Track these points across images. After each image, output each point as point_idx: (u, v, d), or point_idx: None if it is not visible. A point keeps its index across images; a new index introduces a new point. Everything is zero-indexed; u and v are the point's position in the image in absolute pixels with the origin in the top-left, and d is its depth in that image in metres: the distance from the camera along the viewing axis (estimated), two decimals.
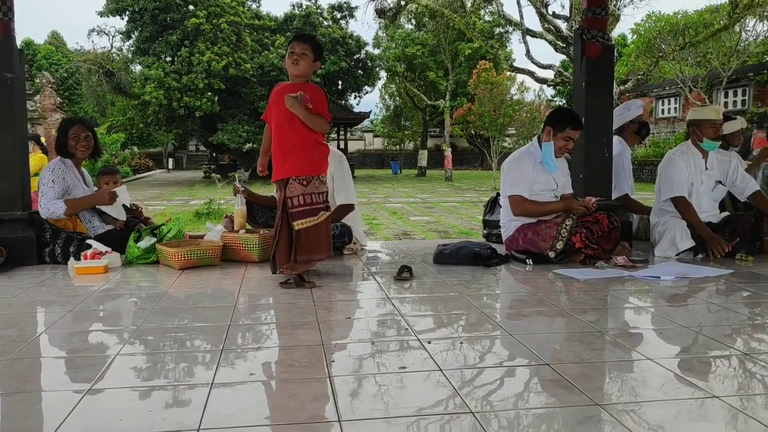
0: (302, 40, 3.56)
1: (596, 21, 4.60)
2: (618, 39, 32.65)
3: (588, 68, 4.56)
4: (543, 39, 18.71)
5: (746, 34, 22.68)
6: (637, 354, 2.27)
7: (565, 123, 4.12)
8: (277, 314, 2.96)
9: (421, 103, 34.47)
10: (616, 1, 18.11)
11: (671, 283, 3.51)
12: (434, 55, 33.79)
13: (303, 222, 3.44)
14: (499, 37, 33.02)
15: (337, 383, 1.96)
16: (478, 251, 4.11)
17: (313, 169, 3.52)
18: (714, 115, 4.41)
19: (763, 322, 2.75)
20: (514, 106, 25.04)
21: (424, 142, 36.81)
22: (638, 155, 21.85)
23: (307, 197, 3.47)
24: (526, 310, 3.05)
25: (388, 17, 20.81)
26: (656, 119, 26.48)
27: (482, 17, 29.62)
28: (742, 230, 4.23)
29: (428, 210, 12.94)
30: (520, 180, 4.18)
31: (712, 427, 1.66)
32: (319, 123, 3.47)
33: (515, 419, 1.71)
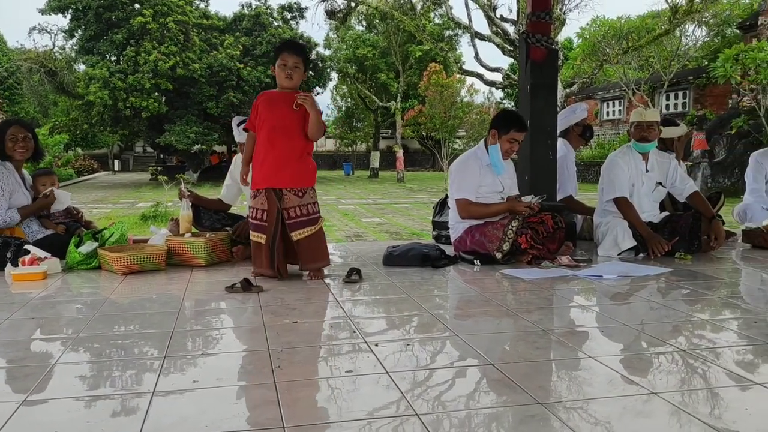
0: (296, 53, 3.57)
1: (540, 25, 4.69)
2: (564, 43, 33.37)
3: (533, 71, 4.65)
4: (491, 42, 18.96)
5: (686, 39, 23.48)
6: (580, 352, 2.31)
7: (509, 125, 4.17)
8: (223, 319, 2.91)
9: (373, 104, 34.52)
10: (561, 6, 18.50)
11: (613, 281, 3.60)
12: (385, 57, 33.87)
13: (301, 232, 3.56)
14: (448, 40, 33.31)
15: (282, 389, 1.94)
16: (427, 252, 4.14)
17: (309, 181, 3.63)
18: (637, 117, 4.53)
19: (701, 318, 2.85)
20: (464, 108, 25.37)
21: (376, 144, 36.86)
22: (584, 157, 22.36)
23: (304, 208, 3.57)
24: (473, 310, 3.09)
25: (338, 18, 20.78)
26: (601, 121, 27.15)
27: (432, 20, 29.85)
28: (681, 230, 4.37)
29: (380, 211, 12.96)
30: (466, 183, 4.22)
31: (652, 424, 1.70)
32: (321, 129, 3.55)
33: (460, 420, 1.72)
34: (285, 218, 3.55)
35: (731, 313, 2.94)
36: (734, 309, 3.03)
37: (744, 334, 2.55)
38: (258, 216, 3.62)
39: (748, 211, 5.44)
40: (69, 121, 28.72)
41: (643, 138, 4.50)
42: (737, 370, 2.11)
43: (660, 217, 4.57)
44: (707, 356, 2.26)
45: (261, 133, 3.57)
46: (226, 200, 4.58)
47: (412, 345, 2.41)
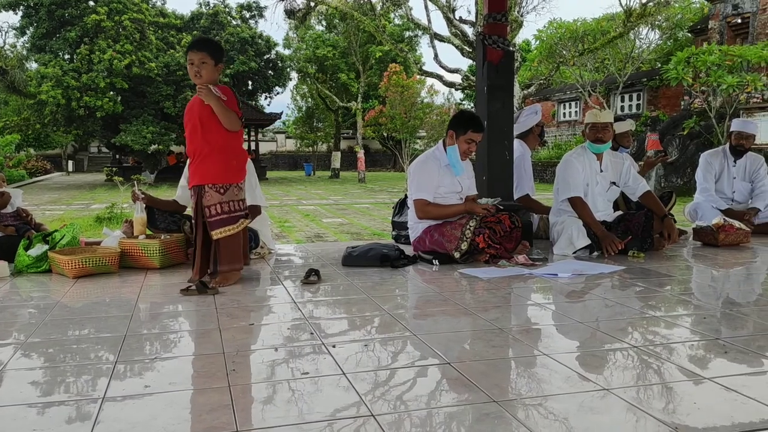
0: (197, 49, 3.50)
1: (497, 27, 4.73)
2: (522, 45, 33.79)
3: (489, 72, 4.69)
4: (451, 44, 19.09)
5: (640, 41, 24.03)
6: (536, 350, 2.34)
7: (466, 126, 4.21)
8: (177, 322, 2.86)
9: (334, 104, 34.44)
10: (519, 8, 18.73)
11: (568, 279, 3.66)
12: (345, 57, 33.82)
13: (222, 231, 3.44)
14: (408, 41, 33.45)
15: (237, 392, 1.91)
16: (386, 253, 4.14)
17: (231, 177, 3.50)
18: (591, 118, 4.62)
19: (654, 315, 2.91)
20: (424, 109, 25.47)
21: (337, 144, 36.78)
22: (541, 157, 22.68)
23: (225, 205, 3.46)
24: (431, 310, 3.10)
25: (297, 18, 20.66)
26: (558, 122, 27.59)
27: (392, 20, 29.93)
28: (634, 228, 4.46)
29: (341, 212, 12.93)
30: (425, 184, 4.24)
31: (606, 420, 1.72)
32: (231, 118, 3.43)
33: (416, 420, 1.72)
34: (205, 216, 3.46)
35: (682, 310, 3.02)
36: (685, 305, 3.11)
37: (695, 330, 2.61)
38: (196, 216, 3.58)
39: (698, 210, 5.60)
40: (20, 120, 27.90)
41: (597, 139, 4.58)
42: (688, 365, 2.16)
43: (614, 216, 4.66)
44: (659, 352, 2.31)
45: (186, 135, 3.57)
46: (181, 201, 4.50)
47: (370, 345, 2.40)
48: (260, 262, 4.34)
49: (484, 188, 4.69)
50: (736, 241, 4.83)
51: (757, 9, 18.24)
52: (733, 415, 1.72)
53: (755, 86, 15.15)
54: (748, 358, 2.23)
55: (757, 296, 3.37)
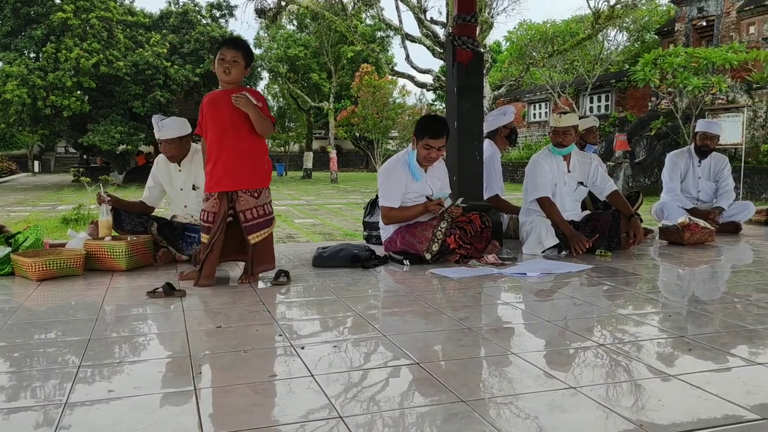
0: (233, 47, 3.47)
1: (466, 28, 4.76)
2: (493, 46, 34.03)
3: (459, 73, 4.71)
4: (422, 44, 19.15)
5: (608, 43, 24.37)
6: (505, 349, 2.35)
7: (423, 132, 4.14)
8: (143, 326, 2.82)
9: (305, 104, 34.28)
10: (489, 9, 18.86)
11: (537, 278, 3.69)
12: (317, 57, 33.69)
13: (259, 234, 3.51)
14: (380, 41, 33.47)
15: (203, 396, 1.89)
16: (357, 253, 4.14)
17: (264, 181, 3.56)
18: (553, 122, 4.66)
19: (621, 313, 2.95)
20: (396, 110, 25.53)
21: (309, 144, 36.61)
22: (512, 157, 22.87)
23: (260, 209, 3.52)
24: (402, 310, 3.10)
25: (268, 17, 20.53)
26: (528, 123, 27.83)
27: (363, 21, 29.91)
28: (602, 228, 4.52)
29: (313, 212, 12.87)
30: (391, 190, 4.22)
31: (573, 418, 1.73)
32: (267, 125, 3.44)
33: (384, 422, 1.72)
34: (242, 221, 3.49)
35: (649, 308, 3.06)
36: (652, 304, 3.15)
37: (661, 328, 2.65)
38: (207, 219, 3.52)
39: (664, 210, 5.69)
40: None
41: (558, 143, 4.63)
42: (653, 363, 2.19)
43: (581, 216, 4.72)
44: (626, 350, 2.34)
45: (209, 136, 3.49)
46: (148, 203, 4.44)
47: (339, 347, 2.39)
48: (229, 264, 4.28)
49: (454, 188, 4.70)
50: (701, 240, 4.92)
51: (721, 12, 18.64)
52: (696, 412, 1.75)
53: (720, 88, 15.47)
54: (712, 355, 2.27)
55: (722, 294, 3.44)
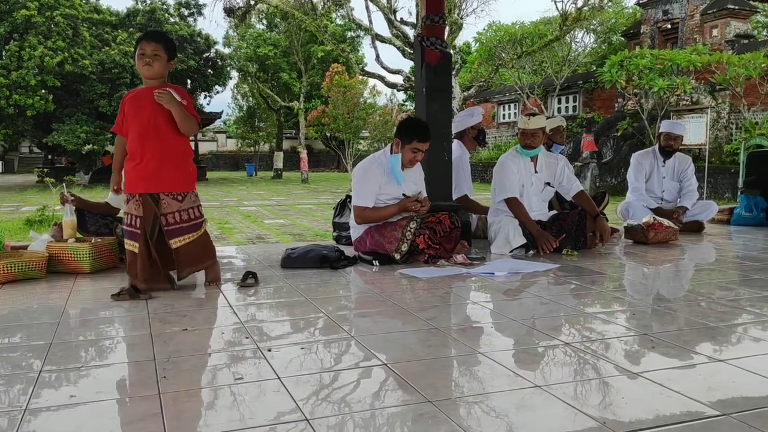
0: (153, 40, 3.31)
1: (435, 29, 4.77)
2: (463, 47, 34.22)
3: (428, 74, 4.72)
4: (392, 45, 19.18)
5: (576, 45, 24.71)
6: (472, 349, 2.36)
7: (411, 135, 4.13)
8: (107, 329, 2.76)
9: (275, 104, 34.08)
10: (458, 11, 18.97)
11: (505, 278, 3.72)
12: (287, 57, 33.51)
13: (181, 239, 3.34)
14: (350, 41, 33.44)
15: (167, 400, 1.86)
16: (326, 254, 4.12)
17: (188, 184, 3.40)
18: (522, 125, 4.71)
19: (587, 312, 2.99)
20: (367, 110, 25.48)
21: (279, 144, 36.40)
22: (482, 157, 23.03)
23: (184, 213, 3.35)
24: (370, 310, 3.10)
25: (237, 16, 20.36)
26: (498, 124, 28.05)
27: (333, 20, 29.85)
28: (568, 227, 4.58)
29: (283, 213, 12.80)
30: (366, 191, 4.19)
31: (536, 416, 1.75)
32: (191, 124, 3.29)
33: (351, 423, 1.71)
34: (163, 225, 3.30)
35: (614, 306, 3.10)
36: (617, 302, 3.20)
37: (625, 326, 2.69)
38: (132, 222, 3.34)
39: (630, 209, 5.79)
40: None
41: (527, 145, 4.68)
42: (617, 361, 2.22)
43: (548, 216, 4.77)
44: (591, 349, 2.37)
45: (131, 134, 3.31)
46: (114, 204, 4.36)
47: (306, 348, 2.38)
48: None
49: None
50: (666, 239, 5.01)
51: (685, 15, 19.01)
52: (658, 409, 1.78)
53: (684, 89, 15.78)
54: (674, 352, 2.31)
55: (685, 292, 3.51)
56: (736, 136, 15.93)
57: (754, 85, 14.79)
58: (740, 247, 5.15)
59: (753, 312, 2.90)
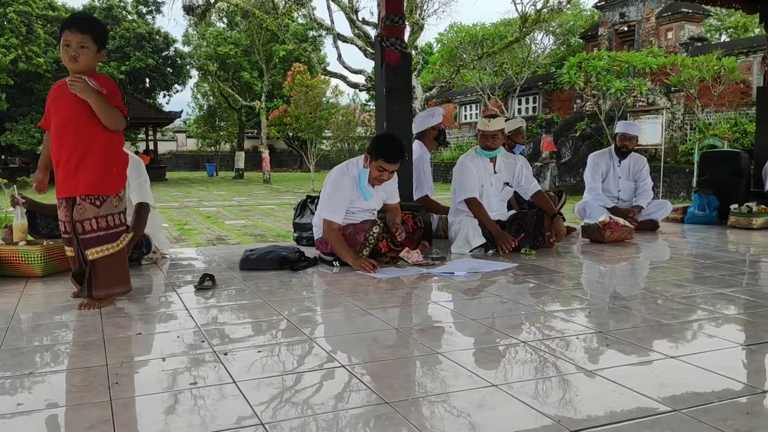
0: (79, 30, 2.90)
1: (394, 29, 4.77)
2: (425, 48, 34.40)
3: (388, 74, 4.72)
4: (354, 44, 19.16)
5: (536, 46, 25.02)
6: (430, 349, 2.36)
7: (379, 154, 3.99)
8: (58, 334, 2.69)
9: (237, 103, 33.76)
10: (420, 11, 19.05)
11: (464, 277, 3.74)
12: (248, 56, 33.24)
13: (99, 250, 2.96)
14: (312, 41, 33.32)
15: (118, 407, 1.82)
16: (286, 255, 4.08)
17: (109, 187, 3.00)
18: (482, 126, 4.74)
19: (544, 310, 3.02)
20: (329, 109, 25.42)
21: (240, 144, 36.08)
22: (445, 158, 23.20)
23: (102, 220, 2.96)
24: (330, 312, 3.08)
25: (197, 14, 20.09)
26: (460, 124, 28.27)
27: (295, 20, 29.70)
28: (527, 227, 4.63)
29: (245, 213, 12.68)
30: (336, 204, 4.06)
31: (492, 415, 1.76)
32: (114, 116, 2.91)
33: (307, 427, 1.70)
34: (79, 232, 2.95)
35: (571, 305, 3.14)
36: (574, 300, 3.24)
37: (582, 324, 2.73)
38: (65, 229, 3.06)
39: (586, 209, 5.88)
40: None
41: (487, 147, 4.71)
42: (573, 359, 2.25)
43: (507, 216, 4.82)
44: (548, 347, 2.39)
45: (51, 130, 2.99)
46: None
47: (263, 352, 2.35)
48: (152, 268, 4.17)
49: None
50: (621, 237, 5.11)
51: (641, 18, 19.42)
52: (611, 406, 1.80)
53: (641, 90, 16.14)
54: (628, 349, 2.35)
55: (641, 290, 3.57)
56: (690, 137, 16.36)
57: (707, 86, 15.19)
58: (693, 245, 5.27)
59: (706, 309, 2.97)
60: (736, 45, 17.33)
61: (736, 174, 6.76)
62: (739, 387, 1.96)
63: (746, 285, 3.57)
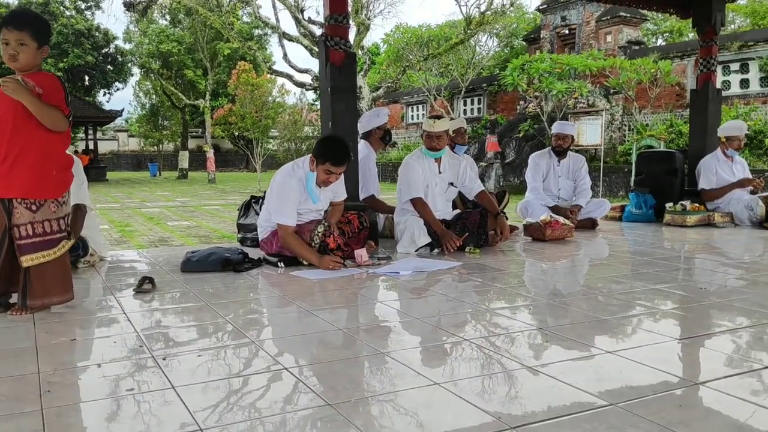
0: (16, 27, 2.79)
1: (338, 29, 4.75)
2: (372, 48, 34.45)
3: (332, 74, 4.70)
4: (300, 43, 19.04)
5: (480, 48, 25.36)
6: (374, 349, 2.36)
7: (325, 157, 3.96)
8: None
9: (180, 102, 33.10)
10: (366, 11, 19.07)
11: (410, 277, 3.75)
12: (192, 54, 32.63)
13: (34, 257, 2.83)
14: (258, 39, 32.93)
15: (50, 416, 1.75)
16: (228, 257, 4.01)
17: (47, 191, 2.86)
18: (427, 127, 4.78)
19: (488, 308, 3.06)
20: (276, 108, 25.18)
21: (184, 143, 35.38)
22: (392, 158, 23.26)
23: (38, 226, 2.82)
24: (273, 314, 3.05)
25: (138, 11, 19.61)
26: (407, 125, 28.40)
27: (240, 18, 29.32)
28: (471, 226, 4.68)
29: (189, 214, 12.43)
30: (287, 208, 4.00)
31: (432, 414, 1.76)
32: (53, 116, 2.79)
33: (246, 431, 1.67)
34: (15, 238, 2.82)
35: (514, 302, 3.20)
36: (517, 297, 3.30)
37: (524, 321, 2.78)
38: None
39: (528, 207, 5.99)
40: None
41: (432, 147, 4.75)
42: (516, 355, 2.28)
43: (452, 215, 4.86)
44: (491, 344, 2.42)
45: None
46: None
47: (204, 356, 2.30)
48: (89, 271, 4.04)
49: None
50: (562, 235, 5.22)
51: (582, 21, 19.90)
52: (550, 402, 1.83)
53: (581, 92, 16.55)
54: (569, 345, 2.39)
55: (581, 287, 3.66)
56: (628, 137, 16.86)
57: (644, 89, 15.68)
58: (631, 242, 5.43)
59: (643, 305, 3.06)
60: (672, 49, 17.94)
61: (671, 173, 7.01)
62: (673, 380, 2.02)
63: (681, 281, 3.70)
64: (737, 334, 2.57)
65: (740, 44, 15.59)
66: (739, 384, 1.97)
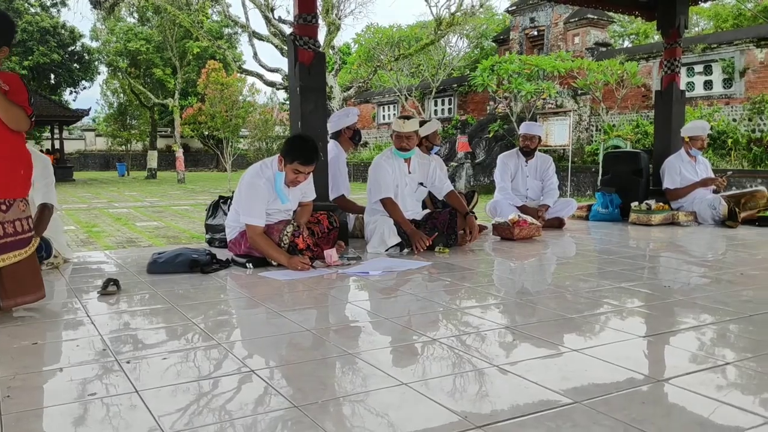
0: None
1: (307, 28, 4.74)
2: (343, 48, 34.39)
3: (301, 74, 4.68)
4: (270, 43, 18.93)
5: (450, 49, 25.50)
6: (342, 350, 2.35)
7: (293, 156, 3.94)
8: None
9: (149, 101, 32.68)
10: (336, 11, 19.03)
11: (379, 277, 3.76)
12: (161, 52, 32.25)
13: (7, 257, 2.80)
14: (228, 38, 32.67)
15: (9, 421, 1.71)
16: (196, 258, 3.97)
17: (17, 190, 2.84)
18: (397, 128, 4.78)
19: (457, 307, 3.07)
20: (246, 108, 25.02)
21: (153, 143, 34.94)
22: (364, 157, 23.25)
23: (9, 226, 2.80)
24: (240, 316, 3.02)
25: (105, 8, 19.30)
26: (378, 124, 28.42)
27: (210, 16, 29.05)
28: (440, 225, 4.71)
29: (157, 214, 12.26)
30: (256, 208, 3.97)
31: (400, 414, 1.76)
32: (15, 115, 2.75)
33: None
34: None
35: (483, 301, 3.22)
36: (486, 297, 3.32)
37: (492, 320, 2.79)
38: None
39: (497, 207, 6.05)
40: None
41: (402, 148, 4.76)
42: (483, 354, 2.30)
43: (422, 215, 4.88)
44: (460, 344, 2.43)
45: None
46: None
47: (169, 359, 2.27)
48: (53, 273, 3.96)
49: None
50: (530, 235, 5.28)
51: (550, 23, 20.12)
52: (516, 400, 1.85)
53: (550, 93, 16.72)
54: (535, 343, 2.42)
55: (547, 285, 3.70)
56: (596, 138, 17.11)
57: (611, 90, 15.92)
58: (597, 241, 5.51)
59: (609, 303, 3.10)
60: (638, 50, 18.23)
61: (636, 173, 7.12)
62: (638, 377, 2.05)
63: (646, 279, 3.76)
64: (701, 331, 2.62)
65: (704, 46, 15.92)
66: (702, 380, 2.01)
